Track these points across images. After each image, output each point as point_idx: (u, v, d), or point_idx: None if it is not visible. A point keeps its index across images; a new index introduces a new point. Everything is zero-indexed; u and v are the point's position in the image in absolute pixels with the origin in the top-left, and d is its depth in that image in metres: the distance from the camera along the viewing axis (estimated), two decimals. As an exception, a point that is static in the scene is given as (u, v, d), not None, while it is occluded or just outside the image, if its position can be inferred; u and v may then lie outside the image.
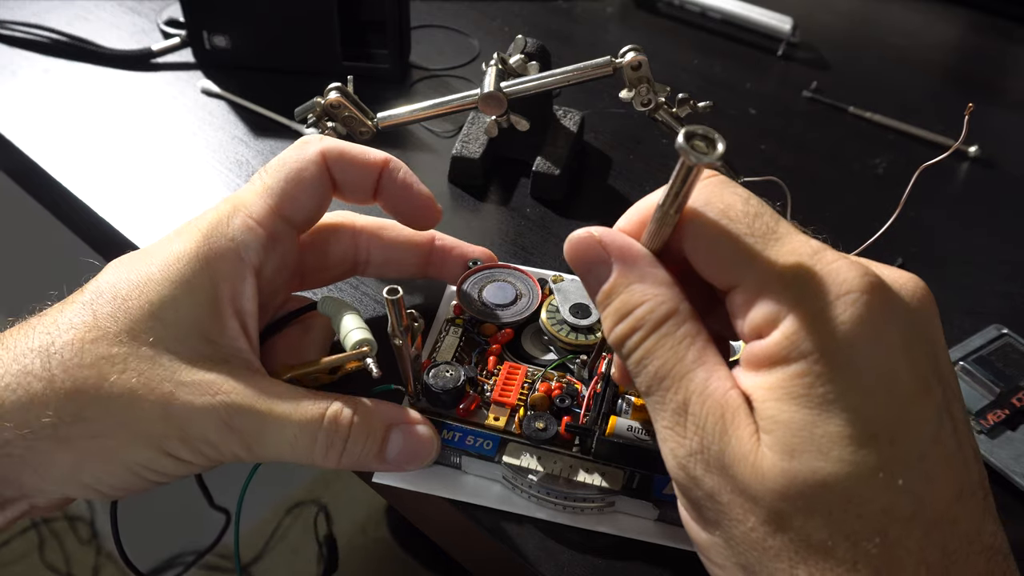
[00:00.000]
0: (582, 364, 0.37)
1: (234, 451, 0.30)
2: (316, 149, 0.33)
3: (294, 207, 0.33)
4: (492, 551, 0.34)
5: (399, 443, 0.32)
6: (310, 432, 0.30)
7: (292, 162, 0.33)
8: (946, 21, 0.74)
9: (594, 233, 0.27)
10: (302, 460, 0.31)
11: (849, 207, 0.52)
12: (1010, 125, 0.62)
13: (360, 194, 0.35)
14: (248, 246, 0.31)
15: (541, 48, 0.49)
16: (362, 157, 0.34)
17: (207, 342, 0.30)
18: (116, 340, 0.29)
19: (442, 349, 0.37)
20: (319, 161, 0.33)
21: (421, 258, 0.39)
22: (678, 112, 0.44)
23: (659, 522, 0.34)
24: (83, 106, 0.54)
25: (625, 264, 0.26)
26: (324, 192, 0.34)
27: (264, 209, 0.32)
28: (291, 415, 0.30)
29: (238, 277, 0.31)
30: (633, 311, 0.25)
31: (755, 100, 0.61)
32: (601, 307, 0.27)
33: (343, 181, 0.34)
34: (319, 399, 0.31)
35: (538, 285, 0.40)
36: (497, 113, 0.45)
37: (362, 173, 0.34)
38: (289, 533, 1.23)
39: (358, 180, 0.34)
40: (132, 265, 0.31)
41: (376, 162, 0.34)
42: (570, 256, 0.27)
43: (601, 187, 0.52)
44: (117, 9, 0.63)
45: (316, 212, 0.34)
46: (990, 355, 0.40)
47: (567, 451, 0.34)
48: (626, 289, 0.26)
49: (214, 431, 0.29)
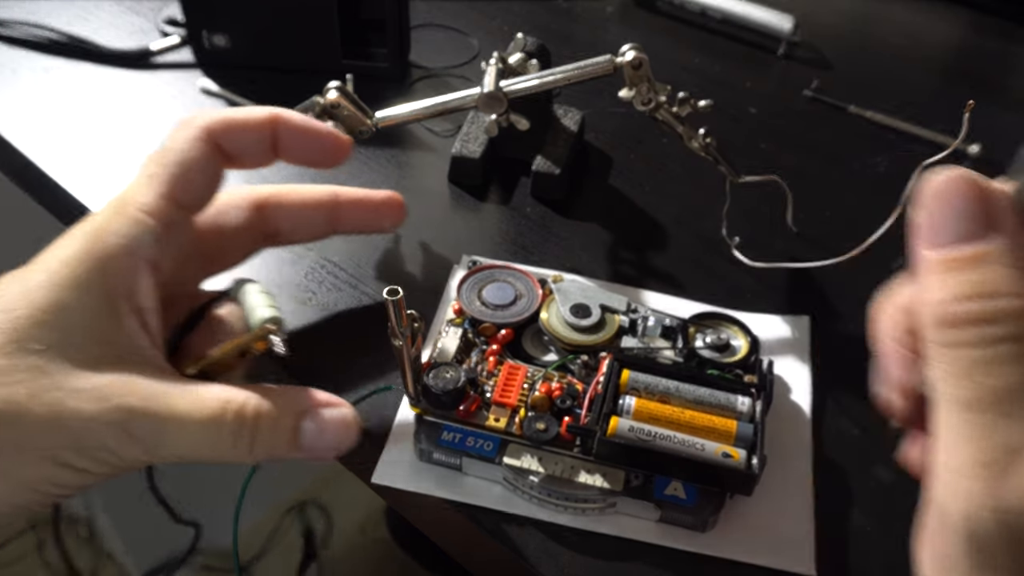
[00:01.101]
0: (583, 364, 0.37)
1: (136, 456, 0.29)
2: (198, 126, 0.32)
3: (185, 191, 0.32)
4: (493, 552, 0.34)
5: (312, 430, 0.30)
6: (214, 429, 0.29)
7: (175, 145, 0.32)
8: (947, 21, 0.74)
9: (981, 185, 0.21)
10: (210, 457, 0.29)
11: (849, 207, 0.52)
12: (1010, 125, 0.61)
13: (258, 157, 0.34)
14: (140, 239, 0.30)
15: (541, 47, 0.48)
16: (251, 120, 0.33)
17: (104, 344, 0.29)
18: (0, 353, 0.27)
19: (442, 350, 0.37)
20: (203, 137, 0.32)
21: (328, 214, 0.38)
22: (678, 111, 0.44)
23: (660, 523, 0.34)
24: (82, 105, 0.54)
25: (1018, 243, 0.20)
26: (214, 170, 0.33)
27: (153, 199, 0.31)
28: (191, 413, 0.28)
29: (132, 273, 0.30)
30: (1006, 296, 0.20)
31: (755, 100, 0.61)
32: (950, 266, 0.21)
33: (236, 150, 0.33)
34: (223, 393, 0.29)
35: (538, 285, 0.40)
36: (497, 112, 0.45)
37: (256, 136, 0.33)
38: (289, 533, 1.23)
39: (252, 144, 0.33)
40: (20, 275, 0.29)
41: (266, 120, 0.33)
42: (940, 187, 0.22)
43: (601, 187, 0.52)
44: (117, 9, 0.63)
45: (208, 191, 0.33)
46: (991, 355, 0.40)
47: (568, 452, 0.34)
48: (1011, 266, 0.20)
49: (111, 438, 0.28)
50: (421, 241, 0.46)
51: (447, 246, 0.46)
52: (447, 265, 0.45)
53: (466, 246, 0.46)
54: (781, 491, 0.35)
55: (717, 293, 0.45)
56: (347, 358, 0.40)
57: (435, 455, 0.35)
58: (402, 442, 0.36)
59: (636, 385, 0.35)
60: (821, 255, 0.43)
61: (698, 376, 0.36)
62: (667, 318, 0.39)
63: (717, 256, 0.47)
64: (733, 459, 0.32)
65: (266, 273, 0.43)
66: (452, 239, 0.47)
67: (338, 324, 0.41)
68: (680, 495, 0.33)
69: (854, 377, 0.41)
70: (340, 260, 0.45)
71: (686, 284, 0.45)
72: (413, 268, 0.45)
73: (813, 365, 0.41)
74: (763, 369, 0.37)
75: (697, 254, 0.47)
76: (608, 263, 0.46)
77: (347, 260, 0.45)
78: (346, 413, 0.31)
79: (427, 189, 0.50)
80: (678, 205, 0.51)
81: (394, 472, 0.35)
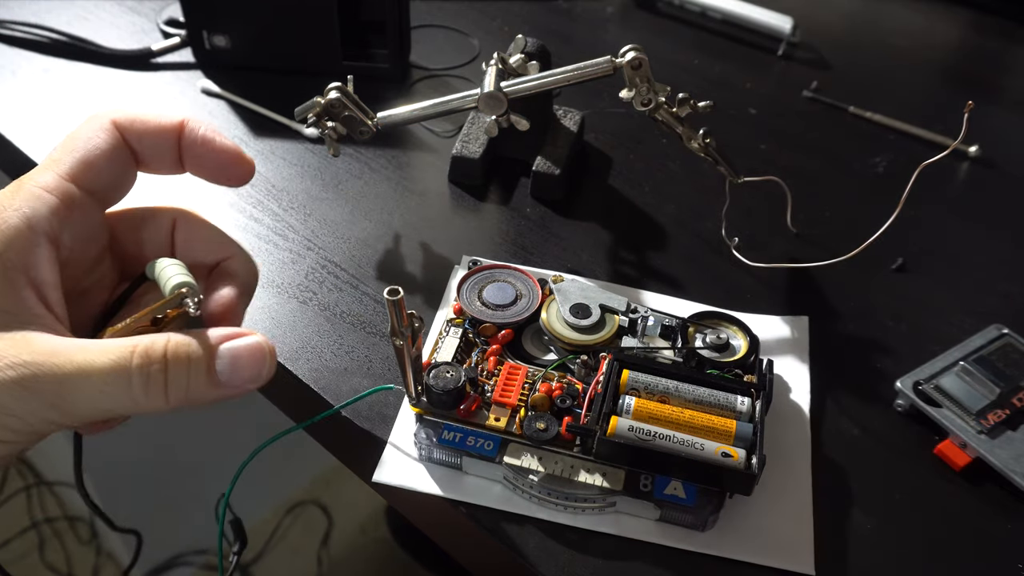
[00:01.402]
0: (582, 364, 0.37)
1: (45, 416, 0.28)
2: (106, 118, 0.32)
3: (87, 174, 0.32)
4: (493, 551, 0.34)
5: (227, 361, 0.29)
6: (122, 375, 0.28)
7: (81, 132, 0.32)
8: (946, 21, 0.74)
9: None
10: (126, 407, 0.29)
11: (849, 207, 0.52)
12: (1010, 125, 0.61)
13: (164, 163, 0.34)
14: (37, 212, 0.30)
15: (541, 48, 0.48)
16: (156, 122, 0.33)
17: (1, 312, 0.29)
18: None
19: (442, 350, 0.37)
20: (109, 128, 0.32)
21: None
22: (678, 112, 0.44)
23: (660, 522, 0.34)
24: (83, 106, 0.54)
25: None
26: (122, 160, 0.33)
27: (52, 178, 0.31)
28: (95, 361, 0.28)
29: (28, 245, 0.29)
30: None
31: (755, 100, 0.61)
32: None
33: (142, 151, 0.33)
34: (128, 340, 0.29)
35: (538, 285, 0.40)
36: (497, 113, 0.45)
37: (160, 139, 0.33)
38: (289, 533, 1.23)
39: (157, 146, 0.33)
40: None
41: (172, 125, 0.33)
42: None
43: (601, 187, 0.52)
44: (117, 9, 0.63)
45: (116, 180, 0.33)
46: (990, 355, 0.40)
47: (568, 451, 0.34)
48: None
49: (12, 400, 0.27)
50: (421, 241, 0.46)
51: (447, 246, 0.46)
52: (447, 265, 0.45)
53: (466, 246, 0.46)
54: (780, 491, 0.36)
55: (717, 293, 0.45)
56: (348, 358, 0.40)
57: (435, 454, 0.35)
58: (403, 442, 0.36)
59: (636, 385, 0.35)
60: (821, 255, 0.43)
61: (698, 376, 0.36)
62: (667, 318, 0.39)
63: (717, 256, 0.47)
64: (733, 459, 0.32)
65: (266, 272, 0.43)
66: (452, 239, 0.47)
67: (339, 324, 0.41)
68: (680, 494, 0.33)
69: (854, 377, 0.41)
70: (341, 260, 0.45)
71: (686, 284, 0.45)
72: (413, 268, 0.45)
73: (812, 365, 0.41)
74: (763, 369, 0.37)
75: (697, 254, 0.47)
76: (608, 263, 0.46)
77: (348, 260, 0.45)
78: (259, 339, 0.30)
79: (427, 189, 0.50)
80: (678, 205, 0.51)
81: (395, 471, 0.35)
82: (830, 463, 0.37)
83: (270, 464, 0.32)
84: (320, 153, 0.52)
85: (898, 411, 0.39)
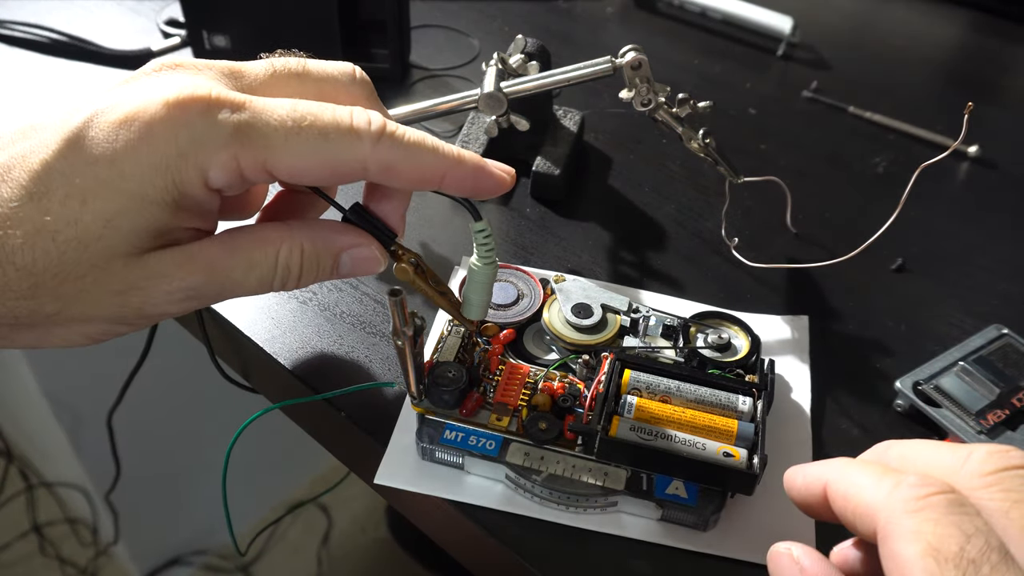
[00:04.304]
0: (584, 364, 0.37)
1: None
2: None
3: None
4: (494, 551, 0.34)
5: (348, 264, 0.34)
6: (267, 275, 0.32)
7: None
8: (946, 21, 0.74)
9: (796, 558, 0.26)
10: (258, 292, 0.33)
11: (849, 207, 0.52)
12: (1010, 125, 0.62)
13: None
14: None
15: (541, 48, 0.49)
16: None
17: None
18: None
19: (444, 350, 0.37)
20: None
21: None
22: (678, 112, 0.44)
23: (662, 522, 0.34)
24: (83, 106, 0.54)
25: None
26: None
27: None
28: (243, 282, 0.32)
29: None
30: None
31: (755, 100, 0.61)
32: None
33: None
34: (268, 243, 0.32)
35: (540, 285, 0.40)
36: (497, 113, 0.45)
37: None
38: (289, 533, 1.23)
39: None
40: None
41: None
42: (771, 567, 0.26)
43: (601, 187, 0.52)
44: (117, 9, 0.63)
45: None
46: (990, 355, 0.40)
47: (570, 451, 0.34)
48: None
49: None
50: (421, 241, 0.46)
51: (447, 246, 0.46)
52: (447, 265, 0.45)
53: (466, 246, 0.46)
54: (782, 490, 0.35)
55: (716, 293, 0.45)
56: (349, 358, 0.40)
57: (437, 454, 0.35)
58: (405, 442, 0.36)
59: (637, 384, 0.35)
60: (820, 255, 0.43)
61: (699, 376, 0.36)
62: (668, 318, 0.39)
63: (717, 256, 0.47)
64: (734, 458, 0.32)
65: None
66: (452, 239, 0.47)
67: (339, 324, 0.41)
68: (681, 494, 0.33)
69: (853, 377, 0.41)
70: (341, 260, 0.45)
71: (685, 284, 0.45)
72: (414, 268, 0.45)
73: (812, 365, 0.41)
74: (764, 368, 0.37)
75: (697, 254, 0.47)
76: (608, 263, 0.46)
77: (348, 260, 0.45)
78: (374, 250, 0.34)
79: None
80: (678, 205, 0.51)
81: (397, 472, 0.35)
82: (831, 463, 0.37)
83: (270, 464, 0.32)
84: (320, 153, 0.52)
85: (898, 411, 0.40)
